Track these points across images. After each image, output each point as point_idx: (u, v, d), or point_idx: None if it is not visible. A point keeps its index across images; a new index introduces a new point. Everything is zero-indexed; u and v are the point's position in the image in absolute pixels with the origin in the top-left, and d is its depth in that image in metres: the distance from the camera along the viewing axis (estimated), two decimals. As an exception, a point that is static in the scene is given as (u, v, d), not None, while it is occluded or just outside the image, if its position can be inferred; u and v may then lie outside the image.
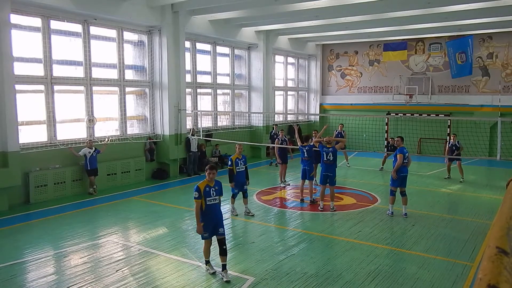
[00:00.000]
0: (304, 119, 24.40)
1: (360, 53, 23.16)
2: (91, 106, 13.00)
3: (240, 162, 9.84)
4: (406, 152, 10.03)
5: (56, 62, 12.11)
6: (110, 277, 6.65)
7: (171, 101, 14.68)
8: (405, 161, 9.94)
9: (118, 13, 12.77)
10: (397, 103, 21.28)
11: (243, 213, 10.15)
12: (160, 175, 14.57)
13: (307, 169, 11.16)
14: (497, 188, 13.29)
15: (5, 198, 10.58)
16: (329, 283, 6.42)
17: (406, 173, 10.07)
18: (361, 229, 9.09)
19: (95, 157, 12.31)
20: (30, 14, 11.43)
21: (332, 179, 10.39)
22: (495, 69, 19.71)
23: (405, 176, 10.04)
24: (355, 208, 10.92)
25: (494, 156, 12.77)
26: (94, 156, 12.25)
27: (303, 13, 14.84)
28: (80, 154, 12.08)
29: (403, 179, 10.00)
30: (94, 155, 12.25)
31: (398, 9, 14.44)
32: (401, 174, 9.95)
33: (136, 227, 9.45)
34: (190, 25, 15.35)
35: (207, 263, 6.86)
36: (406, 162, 9.99)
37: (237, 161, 9.80)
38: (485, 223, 9.49)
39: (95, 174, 12.37)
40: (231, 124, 19.16)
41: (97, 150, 12.40)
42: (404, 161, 9.89)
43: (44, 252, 7.80)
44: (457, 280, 6.58)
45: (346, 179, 14.65)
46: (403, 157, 9.86)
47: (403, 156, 9.85)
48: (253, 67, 19.70)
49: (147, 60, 14.69)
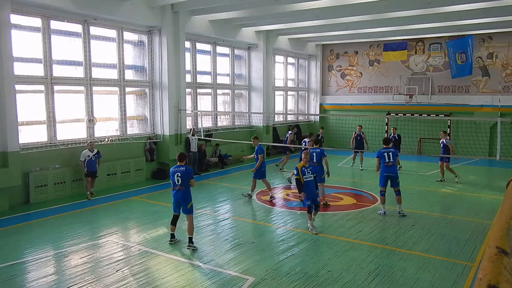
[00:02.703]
0: (304, 119, 24.41)
1: (360, 53, 23.16)
2: (91, 106, 13.00)
3: (307, 170, 8.98)
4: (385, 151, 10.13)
5: (56, 62, 12.11)
6: (110, 277, 6.65)
7: (171, 101, 14.68)
8: (390, 160, 10.04)
9: (118, 13, 12.77)
10: (397, 103, 21.29)
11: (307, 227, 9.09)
12: (160, 175, 14.57)
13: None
14: (497, 188, 13.29)
15: (5, 198, 10.58)
16: (329, 283, 6.42)
17: (392, 173, 10.07)
18: (361, 229, 9.09)
19: (94, 161, 11.86)
20: (30, 14, 11.42)
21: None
22: (495, 69, 19.71)
23: (393, 176, 10.05)
24: (355, 208, 10.92)
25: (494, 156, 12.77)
26: (93, 160, 11.82)
27: (303, 13, 14.84)
28: (81, 159, 11.72)
29: (390, 179, 10.06)
30: (93, 159, 11.81)
31: (398, 9, 14.44)
32: (385, 173, 10.05)
33: (136, 227, 9.45)
34: (190, 25, 15.35)
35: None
36: (392, 162, 10.06)
37: (303, 169, 8.92)
38: (485, 223, 9.49)
39: (92, 176, 11.89)
40: (231, 124, 19.17)
41: (98, 155, 12.01)
42: (388, 160, 10.03)
43: (44, 252, 7.81)
44: (457, 280, 6.58)
45: (346, 179, 14.66)
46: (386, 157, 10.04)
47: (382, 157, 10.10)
48: (253, 67, 19.70)
49: (147, 60, 14.69)
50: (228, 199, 11.95)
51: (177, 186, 7.84)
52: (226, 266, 7.10)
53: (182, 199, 7.85)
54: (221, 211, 10.84)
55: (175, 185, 7.87)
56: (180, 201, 7.87)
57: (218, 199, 11.99)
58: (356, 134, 16.59)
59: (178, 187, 7.83)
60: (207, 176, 15.35)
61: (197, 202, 11.38)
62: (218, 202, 11.73)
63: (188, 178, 7.84)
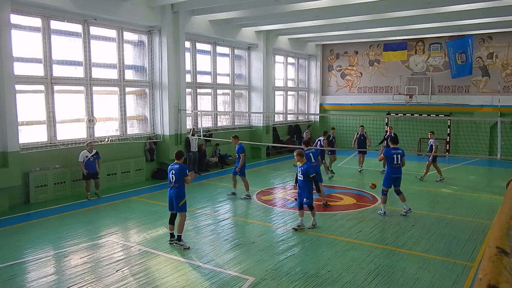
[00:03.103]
0: (304, 119, 24.41)
1: (360, 53, 23.16)
2: (91, 106, 13.00)
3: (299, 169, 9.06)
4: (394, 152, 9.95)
5: (56, 62, 12.11)
6: (110, 277, 6.65)
7: (171, 101, 14.68)
8: (398, 162, 9.95)
9: (118, 13, 12.77)
10: (397, 103, 21.29)
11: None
12: (160, 175, 14.56)
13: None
14: (497, 188, 13.28)
15: (5, 198, 10.58)
16: (329, 283, 6.42)
17: (399, 174, 10.07)
18: (361, 229, 9.09)
19: (93, 161, 11.63)
20: (30, 14, 11.42)
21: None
22: (495, 69, 19.71)
23: (398, 177, 10.09)
24: (355, 208, 10.92)
25: (494, 156, 12.77)
26: (91, 160, 11.58)
27: (303, 13, 14.84)
28: (80, 160, 11.52)
29: (395, 180, 10.07)
30: (91, 160, 11.57)
31: (398, 9, 14.44)
32: (393, 175, 10.00)
33: (136, 227, 9.45)
34: (190, 25, 15.35)
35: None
36: (399, 164, 9.98)
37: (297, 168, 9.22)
38: (485, 223, 9.49)
39: (92, 178, 11.64)
40: (231, 124, 19.16)
41: (97, 156, 11.75)
42: (396, 162, 9.91)
43: (44, 252, 7.81)
44: (457, 280, 6.58)
45: (346, 179, 14.65)
46: (395, 159, 9.89)
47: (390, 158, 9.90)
48: (253, 67, 19.69)
49: (147, 60, 14.69)
50: (228, 199, 11.95)
51: (172, 183, 7.95)
52: (226, 266, 7.10)
53: (175, 196, 7.90)
54: (221, 211, 10.84)
55: (170, 182, 7.98)
56: (173, 198, 7.92)
57: (218, 199, 11.99)
58: (359, 134, 16.33)
59: (172, 184, 7.94)
60: (207, 176, 15.35)
61: (197, 202, 11.40)
62: (218, 202, 11.73)
63: (182, 175, 7.90)
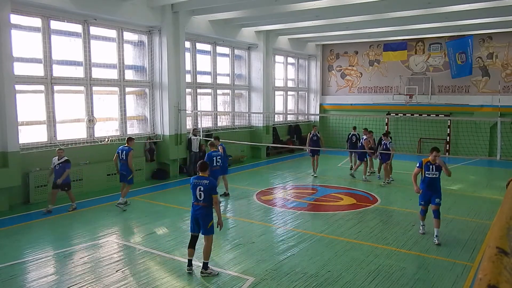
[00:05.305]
0: (304, 119, 24.41)
1: (360, 53, 23.15)
2: (91, 106, 13.00)
3: (432, 167, 8.30)
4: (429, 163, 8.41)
5: (56, 62, 12.10)
6: (110, 277, 6.65)
7: (171, 101, 14.68)
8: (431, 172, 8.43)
9: (118, 13, 12.76)
10: (397, 103, 21.28)
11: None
12: (160, 175, 14.57)
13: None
14: (497, 188, 13.28)
15: (5, 198, 10.57)
16: (329, 283, 6.42)
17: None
18: (361, 229, 9.09)
19: (60, 170, 10.23)
20: (30, 14, 11.42)
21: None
22: (495, 69, 19.71)
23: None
24: (355, 208, 10.92)
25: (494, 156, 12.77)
26: (57, 169, 10.25)
27: (303, 13, 14.84)
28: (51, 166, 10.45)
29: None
30: (57, 168, 10.25)
31: (398, 9, 14.43)
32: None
33: (136, 227, 9.45)
34: (190, 25, 15.34)
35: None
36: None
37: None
38: (485, 223, 9.50)
39: (58, 188, 10.33)
40: (231, 124, 19.16)
41: (67, 165, 10.31)
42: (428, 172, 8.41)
43: (44, 252, 7.80)
44: (457, 280, 6.58)
45: (346, 179, 14.65)
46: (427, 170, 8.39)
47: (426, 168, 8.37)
48: (253, 67, 19.69)
49: (147, 60, 14.69)
50: (228, 199, 11.94)
51: (200, 202, 6.68)
52: (226, 266, 7.10)
53: (202, 217, 6.67)
54: (221, 211, 10.81)
55: (197, 201, 6.71)
56: (199, 219, 6.70)
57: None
58: (351, 135, 15.65)
59: (201, 203, 6.67)
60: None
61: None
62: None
63: (212, 192, 6.66)
